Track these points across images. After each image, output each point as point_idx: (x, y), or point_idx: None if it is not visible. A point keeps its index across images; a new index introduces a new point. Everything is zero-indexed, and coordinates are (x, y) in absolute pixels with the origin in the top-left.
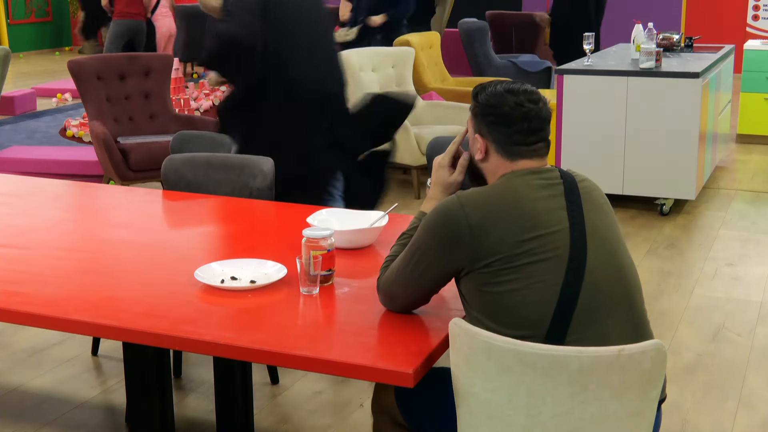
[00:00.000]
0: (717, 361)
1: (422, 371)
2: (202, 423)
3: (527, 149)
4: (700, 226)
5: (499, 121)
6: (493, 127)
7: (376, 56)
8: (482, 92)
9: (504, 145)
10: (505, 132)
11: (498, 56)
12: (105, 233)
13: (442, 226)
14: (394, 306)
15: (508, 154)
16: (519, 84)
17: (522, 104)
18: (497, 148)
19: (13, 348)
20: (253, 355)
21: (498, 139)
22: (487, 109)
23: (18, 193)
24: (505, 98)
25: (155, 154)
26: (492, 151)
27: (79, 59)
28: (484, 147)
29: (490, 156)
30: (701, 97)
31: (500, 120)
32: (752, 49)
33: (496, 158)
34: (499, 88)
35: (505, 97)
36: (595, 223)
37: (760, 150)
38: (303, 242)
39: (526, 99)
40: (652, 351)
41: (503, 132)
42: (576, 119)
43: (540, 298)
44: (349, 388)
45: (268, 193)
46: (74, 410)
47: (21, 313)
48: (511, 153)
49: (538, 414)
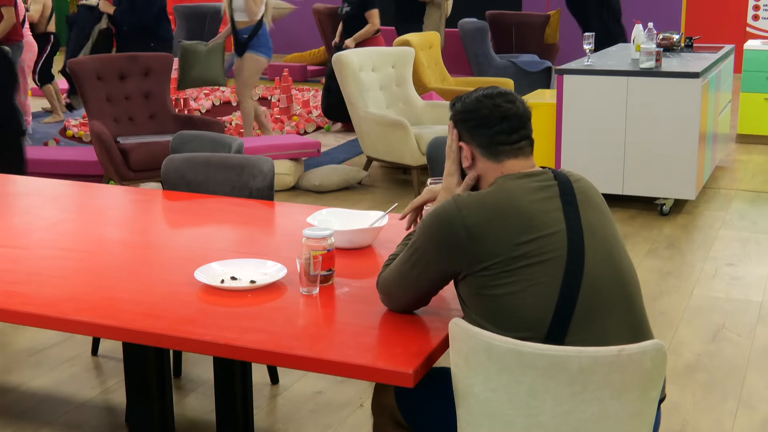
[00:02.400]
0: (717, 361)
1: (422, 371)
2: (202, 423)
3: (511, 148)
4: (700, 226)
5: (479, 125)
6: (475, 131)
7: (376, 56)
8: (458, 101)
9: (488, 147)
10: (487, 134)
11: (498, 56)
12: (105, 233)
13: (440, 230)
14: (393, 305)
15: (493, 156)
16: (493, 88)
17: (499, 105)
18: (482, 152)
19: (13, 348)
20: (253, 355)
21: (481, 142)
22: (465, 115)
23: (18, 193)
24: (482, 102)
25: (155, 154)
26: (478, 156)
27: (79, 59)
28: (470, 153)
29: (476, 161)
30: (701, 97)
31: (480, 123)
32: (752, 49)
33: (482, 162)
34: (474, 95)
35: (481, 101)
36: (592, 223)
37: (760, 150)
38: (303, 242)
39: (502, 100)
40: (652, 351)
41: (485, 134)
42: (576, 119)
43: (539, 301)
44: (349, 388)
45: (268, 193)
46: (74, 410)
47: (21, 313)
48: (496, 154)
49: (538, 414)
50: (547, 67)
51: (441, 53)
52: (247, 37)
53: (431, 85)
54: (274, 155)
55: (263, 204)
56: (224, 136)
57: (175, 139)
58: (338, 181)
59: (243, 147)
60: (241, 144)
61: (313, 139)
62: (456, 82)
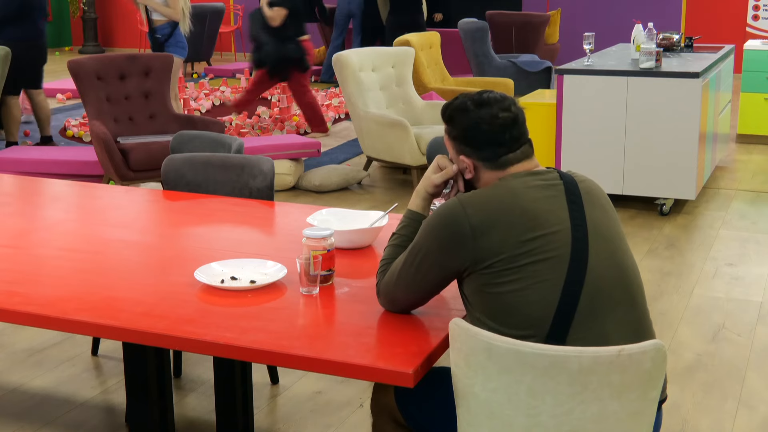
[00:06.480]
0: (717, 361)
1: (422, 371)
2: (202, 423)
3: (515, 155)
4: (700, 226)
5: (482, 142)
6: (479, 148)
7: (376, 56)
8: (455, 114)
9: (492, 159)
10: (491, 149)
11: (498, 56)
12: (105, 233)
13: (444, 228)
14: (395, 308)
15: (498, 165)
16: (485, 93)
17: (497, 116)
18: (486, 165)
19: (13, 348)
20: (253, 355)
21: (485, 156)
22: (466, 133)
23: (18, 193)
24: (479, 115)
25: (155, 154)
26: (481, 168)
27: (79, 59)
28: (473, 166)
29: (480, 172)
30: (701, 97)
31: (483, 140)
32: (752, 49)
33: (486, 173)
34: (470, 105)
35: (478, 114)
36: (596, 222)
37: (760, 150)
38: (303, 242)
39: (498, 109)
40: (652, 351)
41: (488, 149)
42: (576, 119)
43: (542, 298)
44: (349, 388)
45: (268, 193)
46: (74, 410)
47: (21, 313)
48: (501, 164)
49: (538, 414)
50: (547, 67)
51: (440, 53)
52: (163, 36)
53: (431, 85)
54: (274, 155)
55: (263, 204)
56: (224, 136)
57: (175, 139)
58: (338, 181)
59: (243, 147)
60: (241, 144)
61: (313, 139)
62: (456, 82)
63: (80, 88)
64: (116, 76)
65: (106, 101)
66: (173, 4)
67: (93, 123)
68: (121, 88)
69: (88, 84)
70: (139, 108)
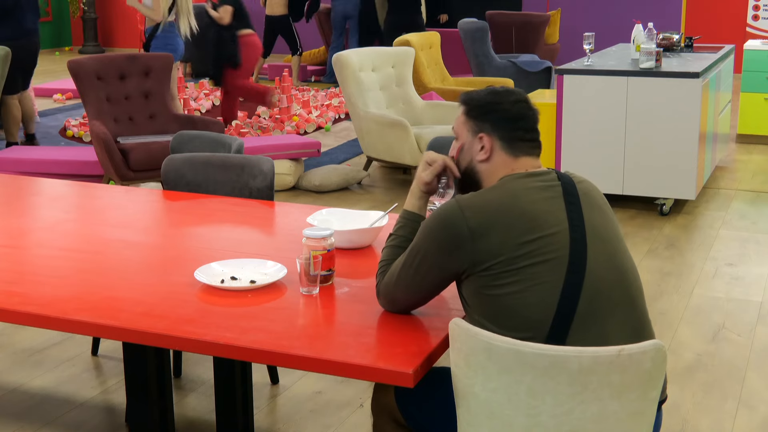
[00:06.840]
0: (717, 361)
1: (422, 371)
2: (202, 423)
3: (528, 145)
4: (700, 226)
5: (502, 117)
6: (498, 123)
7: (376, 56)
8: (474, 96)
9: (510, 140)
10: (510, 126)
11: (498, 56)
12: (105, 233)
13: (443, 231)
14: (395, 309)
15: (513, 150)
16: (502, 87)
17: (517, 101)
18: (503, 145)
19: (13, 348)
20: (253, 355)
21: (504, 135)
22: (487, 107)
23: (18, 193)
24: (501, 96)
25: (155, 154)
26: (497, 149)
27: (79, 59)
28: (490, 145)
29: (494, 154)
30: (701, 97)
31: (503, 115)
32: (752, 49)
33: (500, 156)
34: (490, 89)
35: (500, 95)
36: (594, 223)
37: (760, 150)
38: (303, 242)
39: (517, 97)
40: (652, 351)
41: (508, 127)
42: (576, 119)
43: (541, 300)
44: (349, 388)
45: (268, 193)
46: (74, 410)
47: (21, 313)
48: (516, 149)
49: (538, 414)
50: (547, 67)
51: (441, 53)
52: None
53: (431, 85)
54: (274, 155)
55: (263, 204)
56: (224, 136)
57: (175, 139)
58: (338, 181)
59: (243, 147)
60: (241, 144)
61: (313, 139)
62: (456, 82)
63: (80, 88)
64: (116, 76)
65: (106, 101)
66: (155, 5)
67: (93, 123)
68: (121, 88)
69: (88, 84)
70: (139, 108)
